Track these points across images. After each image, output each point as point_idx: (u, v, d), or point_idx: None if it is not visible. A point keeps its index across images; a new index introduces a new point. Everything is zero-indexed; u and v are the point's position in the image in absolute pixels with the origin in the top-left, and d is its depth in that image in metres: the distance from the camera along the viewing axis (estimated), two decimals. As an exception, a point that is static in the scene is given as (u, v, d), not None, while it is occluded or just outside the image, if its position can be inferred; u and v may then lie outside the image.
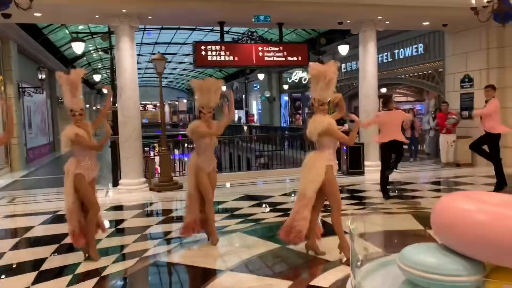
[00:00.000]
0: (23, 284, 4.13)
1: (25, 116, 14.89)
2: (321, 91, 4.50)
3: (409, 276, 3.03)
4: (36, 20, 10.65)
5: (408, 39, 14.01)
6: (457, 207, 3.02)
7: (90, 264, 4.66)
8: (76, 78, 4.68)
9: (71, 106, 4.65)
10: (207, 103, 5.15)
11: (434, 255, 3.00)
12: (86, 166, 4.69)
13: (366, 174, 10.06)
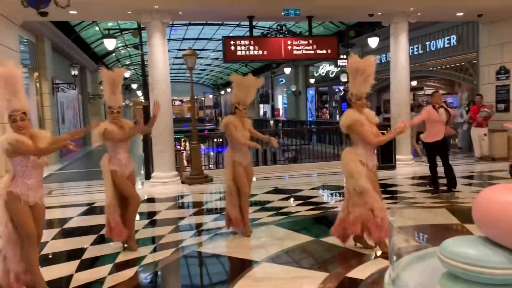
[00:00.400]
0: (66, 272, 4.30)
1: (59, 112, 15.33)
2: (359, 85, 4.45)
3: (450, 268, 3.00)
4: (71, 18, 10.93)
5: (440, 30, 13.69)
6: (501, 199, 2.96)
7: (129, 254, 4.80)
8: (118, 77, 4.79)
9: (110, 103, 4.76)
10: (244, 100, 5.22)
11: (477, 247, 2.96)
12: (119, 162, 4.78)
13: (398, 168, 9.93)
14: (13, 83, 3.51)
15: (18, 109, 3.52)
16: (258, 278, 4.05)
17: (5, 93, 3.49)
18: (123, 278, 4.14)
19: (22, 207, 3.56)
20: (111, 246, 5.09)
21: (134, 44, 15.71)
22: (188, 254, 4.89)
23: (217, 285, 4.12)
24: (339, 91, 22.61)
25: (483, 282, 2.84)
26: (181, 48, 24.09)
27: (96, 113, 22.29)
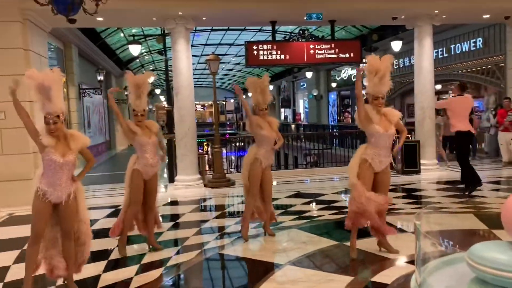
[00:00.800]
0: (94, 272, 4.39)
1: (85, 116, 15.70)
2: (375, 85, 4.47)
3: (479, 273, 2.96)
4: (98, 24, 11.21)
5: (465, 33, 13.48)
6: (531, 203, 2.91)
7: (154, 256, 4.88)
8: (143, 81, 4.86)
9: (134, 107, 4.84)
10: (259, 101, 5.29)
11: (507, 252, 2.91)
12: (145, 162, 4.87)
13: (423, 173, 9.78)
14: (47, 88, 3.64)
15: (51, 112, 3.65)
16: (282, 282, 4.06)
17: (40, 97, 3.66)
18: (149, 279, 4.22)
19: (40, 204, 3.68)
20: (135, 248, 5.19)
21: (158, 50, 15.98)
22: (211, 256, 4.94)
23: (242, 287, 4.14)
24: (362, 95, 22.42)
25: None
26: (203, 53, 24.37)
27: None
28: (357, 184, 4.37)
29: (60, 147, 3.69)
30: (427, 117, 10.07)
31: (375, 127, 4.41)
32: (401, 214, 6.39)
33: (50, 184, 3.68)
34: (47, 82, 3.64)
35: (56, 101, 3.69)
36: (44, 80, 3.64)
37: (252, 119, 5.24)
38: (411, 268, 4.01)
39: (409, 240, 5.07)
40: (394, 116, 4.58)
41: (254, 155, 5.26)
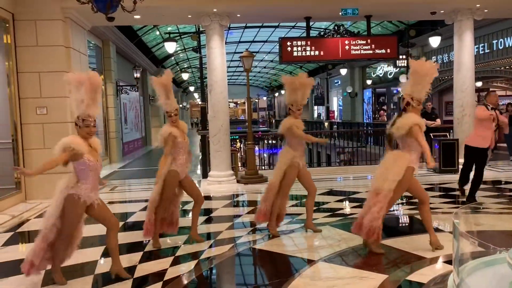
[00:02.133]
0: (131, 263, 4.51)
1: (122, 113, 16.10)
2: (420, 90, 4.44)
3: (521, 275, 2.85)
4: (135, 22, 11.45)
5: (508, 27, 12.94)
6: None
7: (188, 248, 4.96)
8: (167, 81, 4.91)
9: (166, 108, 4.90)
10: (297, 101, 5.24)
11: (551, 254, 2.80)
12: (181, 162, 4.94)
13: (461, 172, 9.47)
14: (93, 90, 3.78)
15: (93, 115, 3.80)
16: (315, 277, 4.04)
17: (85, 98, 3.75)
18: (183, 271, 4.29)
19: (80, 210, 3.84)
20: (170, 241, 5.28)
21: (193, 47, 16.17)
22: (243, 251, 4.96)
23: (273, 283, 4.13)
24: (397, 93, 21.97)
25: (559, 291, 2.67)
26: (237, 50, 24.50)
27: (156, 114, 23.16)
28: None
29: (92, 152, 3.83)
30: (466, 115, 9.75)
31: (422, 138, 4.41)
32: (438, 213, 6.23)
33: (92, 189, 3.85)
34: (95, 84, 3.79)
35: (98, 105, 3.86)
36: (92, 82, 3.77)
37: (287, 122, 5.25)
38: (448, 268, 3.91)
39: (446, 240, 4.94)
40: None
41: (292, 158, 5.23)
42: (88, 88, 3.75)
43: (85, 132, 3.79)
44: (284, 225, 5.72)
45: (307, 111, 32.98)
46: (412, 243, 4.84)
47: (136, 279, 4.09)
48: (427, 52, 17.54)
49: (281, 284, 3.84)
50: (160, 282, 3.98)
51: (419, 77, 4.41)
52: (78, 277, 4.19)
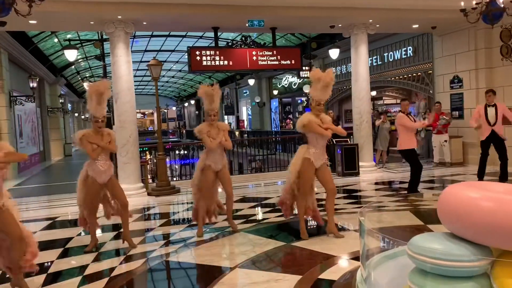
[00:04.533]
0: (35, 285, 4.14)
1: (16, 125, 14.77)
2: (319, 93, 5.18)
3: (418, 263, 3.12)
4: (30, 28, 10.64)
5: (397, 41, 14.28)
6: (463, 196, 3.12)
7: (98, 266, 4.69)
8: (105, 88, 5.12)
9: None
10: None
11: (443, 242, 3.10)
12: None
13: (362, 175, 10.20)
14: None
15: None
16: (232, 284, 4.05)
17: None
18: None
19: None
20: (74, 261, 4.96)
21: (96, 55, 15.41)
22: (157, 265, 4.81)
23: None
24: (302, 102, 23.03)
25: (450, 275, 2.98)
26: (143, 59, 23.87)
27: (56, 127, 21.62)
28: None
29: None
30: (364, 121, 10.54)
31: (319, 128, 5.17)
32: (343, 213, 6.62)
33: None
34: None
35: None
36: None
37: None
38: (355, 264, 4.17)
39: (351, 238, 5.29)
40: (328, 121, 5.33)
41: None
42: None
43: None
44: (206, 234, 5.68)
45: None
46: (322, 243, 5.08)
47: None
48: (327, 63, 18.64)
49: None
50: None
51: (316, 82, 5.18)
52: None
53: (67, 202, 8.88)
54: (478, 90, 10.69)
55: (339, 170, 10.40)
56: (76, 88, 31.63)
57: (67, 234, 6.31)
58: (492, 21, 7.35)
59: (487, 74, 10.55)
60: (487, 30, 10.06)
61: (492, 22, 7.36)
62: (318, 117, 5.24)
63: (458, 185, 3.37)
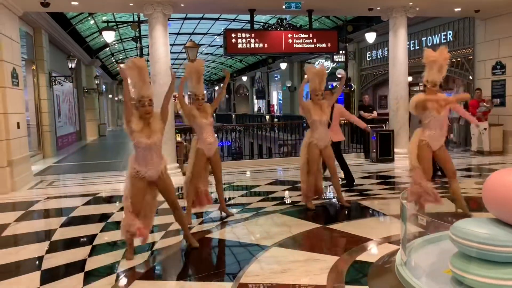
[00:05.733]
0: (81, 256, 4.35)
1: (55, 105, 15.26)
2: (435, 74, 4.97)
3: (462, 248, 3.11)
4: (72, 9, 10.88)
5: (436, 26, 13.87)
6: (509, 181, 3.08)
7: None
8: (201, 67, 5.30)
9: (195, 91, 5.28)
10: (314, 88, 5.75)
11: (487, 227, 3.08)
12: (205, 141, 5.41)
13: (396, 161, 10.07)
14: (143, 74, 4.10)
15: (147, 95, 4.10)
16: (269, 262, 4.12)
17: (138, 81, 4.08)
18: (138, 262, 4.21)
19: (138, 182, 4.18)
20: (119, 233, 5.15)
21: (131, 37, 15.66)
22: (203, 239, 4.92)
23: (230, 268, 4.18)
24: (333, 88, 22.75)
25: (494, 260, 2.96)
26: (175, 42, 24.05)
27: (91, 107, 22.18)
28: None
29: (146, 130, 4.11)
30: (401, 107, 10.36)
31: None
32: (379, 199, 6.60)
33: (142, 164, 4.15)
34: (143, 68, 4.11)
35: (149, 86, 4.21)
36: (142, 67, 4.11)
37: (303, 105, 5.86)
38: (393, 247, 4.17)
39: (386, 223, 5.28)
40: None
41: (308, 139, 5.84)
42: (137, 72, 4.07)
43: (143, 112, 4.08)
44: (237, 214, 5.80)
45: (248, 105, 33.23)
46: (358, 227, 5.10)
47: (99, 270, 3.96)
48: (362, 47, 18.33)
49: (237, 271, 3.89)
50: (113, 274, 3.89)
51: (430, 64, 4.98)
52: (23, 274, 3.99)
53: (105, 179, 9.21)
54: (522, 77, 10.32)
55: (373, 156, 10.30)
56: (110, 70, 32.23)
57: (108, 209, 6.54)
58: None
59: (532, 60, 10.14)
60: (534, 14, 9.64)
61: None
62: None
63: (505, 171, 3.32)
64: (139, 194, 4.20)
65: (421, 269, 3.50)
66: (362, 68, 18.39)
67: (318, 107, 5.78)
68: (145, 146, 4.10)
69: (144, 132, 4.09)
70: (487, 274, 2.94)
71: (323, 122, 5.79)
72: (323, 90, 5.81)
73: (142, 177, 4.17)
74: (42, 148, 13.30)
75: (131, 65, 4.20)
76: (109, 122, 33.09)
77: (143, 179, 4.19)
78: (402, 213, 3.69)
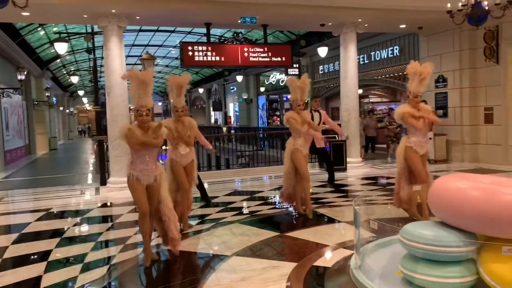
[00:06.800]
0: (35, 273, 4.23)
1: (3, 118, 14.62)
2: (416, 86, 5.30)
3: (410, 249, 3.34)
4: (22, 20, 10.57)
5: (384, 41, 14.58)
6: (453, 186, 3.35)
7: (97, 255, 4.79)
8: (184, 82, 5.44)
9: (176, 104, 5.44)
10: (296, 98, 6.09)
11: (433, 229, 3.33)
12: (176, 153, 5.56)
13: (349, 170, 10.44)
14: (145, 84, 4.29)
15: (145, 105, 4.27)
16: (231, 270, 4.20)
17: (138, 92, 4.28)
18: (96, 277, 4.15)
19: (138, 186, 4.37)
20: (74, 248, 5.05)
21: (84, 48, 15.34)
22: (159, 252, 4.92)
23: (190, 279, 4.20)
24: (288, 100, 23.25)
25: (439, 260, 3.20)
26: (129, 54, 23.72)
27: (41, 120, 21.40)
28: None
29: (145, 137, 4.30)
30: (352, 118, 10.78)
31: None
32: (333, 206, 6.84)
33: (139, 170, 4.33)
34: (147, 79, 4.30)
35: (149, 96, 4.36)
36: (145, 78, 4.29)
37: (287, 116, 6.10)
38: (347, 252, 4.37)
39: (341, 229, 5.51)
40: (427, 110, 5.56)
41: (293, 145, 6.09)
42: (136, 83, 4.27)
43: (140, 121, 4.28)
44: (196, 226, 5.83)
45: (205, 117, 33.19)
46: (315, 234, 5.28)
47: None
48: (315, 61, 18.91)
49: (197, 281, 3.94)
50: (72, 289, 3.82)
51: (413, 76, 5.33)
52: None
53: (57, 194, 8.93)
54: (462, 90, 11.03)
55: (327, 165, 10.61)
56: (62, 82, 31.25)
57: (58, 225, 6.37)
58: (477, 23, 7.63)
59: (471, 74, 10.88)
60: (471, 31, 10.37)
61: (477, 24, 7.65)
62: (415, 108, 5.47)
63: (448, 177, 3.60)
64: (142, 196, 4.40)
65: (374, 271, 3.69)
66: (315, 81, 18.95)
67: (301, 117, 6.07)
68: (142, 152, 4.32)
69: None
70: (434, 273, 3.17)
71: (305, 131, 6.09)
72: (304, 101, 6.13)
73: (138, 180, 4.36)
74: (-12, 163, 12.69)
75: (132, 74, 4.39)
76: (60, 135, 31.96)
77: (139, 182, 4.38)
78: (355, 219, 3.89)
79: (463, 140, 11.15)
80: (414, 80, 5.31)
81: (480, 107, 10.85)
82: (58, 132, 30.42)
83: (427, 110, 5.60)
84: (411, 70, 5.35)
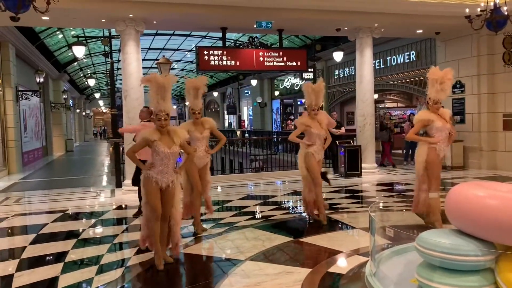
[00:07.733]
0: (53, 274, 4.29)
1: (21, 120, 14.89)
2: (437, 92, 5.20)
3: (426, 257, 3.29)
4: (42, 24, 10.78)
5: (400, 46, 14.47)
6: (470, 194, 3.30)
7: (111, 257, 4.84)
8: (201, 84, 5.56)
9: (193, 106, 5.56)
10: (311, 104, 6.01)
11: (451, 237, 3.28)
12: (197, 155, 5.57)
13: (364, 176, 10.36)
14: (164, 89, 4.34)
15: (164, 110, 4.32)
16: (245, 275, 4.20)
17: (157, 96, 4.33)
18: (110, 279, 4.19)
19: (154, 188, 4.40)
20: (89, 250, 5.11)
21: (101, 52, 15.54)
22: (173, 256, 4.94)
23: (203, 283, 4.21)
24: (302, 104, 23.20)
25: (456, 269, 3.15)
26: (146, 57, 23.96)
27: (58, 122, 21.73)
28: None
29: (165, 140, 4.36)
30: (367, 123, 10.71)
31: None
32: (348, 212, 6.80)
33: (158, 172, 4.36)
34: (166, 84, 4.35)
35: (168, 101, 4.41)
36: (164, 83, 4.34)
37: (301, 121, 6.04)
38: (362, 259, 4.33)
39: (355, 235, 5.46)
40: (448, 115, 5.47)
41: (305, 150, 6.03)
42: (155, 88, 4.32)
43: (159, 125, 4.34)
44: (210, 229, 5.85)
45: (219, 120, 33.31)
46: (329, 240, 5.25)
47: None
48: (330, 66, 18.84)
49: (210, 285, 3.94)
50: (87, 291, 3.86)
51: (433, 82, 5.21)
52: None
53: (73, 196, 9.05)
54: (480, 96, 10.89)
55: (342, 170, 10.57)
56: (78, 85, 31.71)
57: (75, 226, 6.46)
58: (496, 28, 7.53)
59: (489, 80, 10.74)
60: (489, 36, 10.25)
61: (496, 29, 7.55)
62: (435, 114, 5.38)
63: (465, 184, 3.55)
64: (157, 199, 4.41)
65: (389, 279, 3.66)
66: (330, 85, 18.88)
67: (316, 122, 6.01)
68: (164, 155, 4.33)
69: (164, 142, 4.34)
70: (450, 282, 3.12)
71: (321, 136, 6.01)
72: (319, 105, 6.07)
73: (156, 183, 4.38)
74: (7, 164, 12.92)
75: (151, 79, 4.42)
76: (76, 137, 32.41)
77: (157, 185, 4.40)
78: (370, 226, 3.86)
79: (481, 147, 10.99)
80: (434, 86, 5.23)
81: (499, 114, 10.69)
82: (74, 134, 30.85)
83: (447, 114, 5.52)
84: (431, 76, 5.26)
